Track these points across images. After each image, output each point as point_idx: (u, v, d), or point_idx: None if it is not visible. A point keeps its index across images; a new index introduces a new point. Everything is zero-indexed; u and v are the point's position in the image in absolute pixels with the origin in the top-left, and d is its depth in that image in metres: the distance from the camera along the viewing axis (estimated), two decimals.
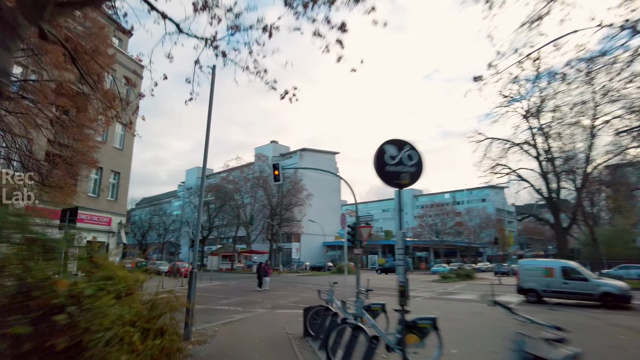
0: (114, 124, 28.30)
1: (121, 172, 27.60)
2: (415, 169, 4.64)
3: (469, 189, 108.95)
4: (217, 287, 23.28)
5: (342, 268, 42.17)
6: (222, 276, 37.01)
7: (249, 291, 20.58)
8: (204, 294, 18.32)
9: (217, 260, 51.54)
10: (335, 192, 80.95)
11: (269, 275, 22.32)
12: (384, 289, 21.00)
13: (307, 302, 14.82)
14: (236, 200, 52.79)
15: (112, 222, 26.40)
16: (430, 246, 65.58)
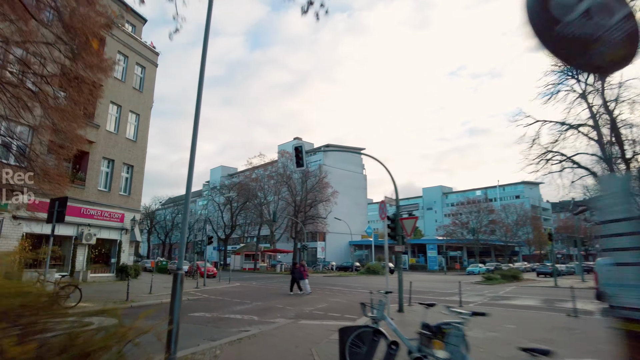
0: (126, 117, 26.67)
1: (135, 166, 25.81)
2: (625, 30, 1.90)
3: (502, 185, 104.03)
4: (235, 289, 20.99)
5: (373, 268, 39.36)
6: (243, 276, 34.93)
7: (270, 294, 18.16)
8: (218, 298, 16.02)
9: (240, 260, 49.73)
10: (361, 189, 78.14)
11: (307, 277, 18.76)
12: (426, 292, 18.19)
13: (339, 310, 12.28)
14: (259, 197, 50.74)
15: (125, 219, 24.62)
16: (464, 245, 61.79)
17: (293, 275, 18.86)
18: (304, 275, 18.46)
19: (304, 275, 18.44)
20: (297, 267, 19.35)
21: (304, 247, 41.27)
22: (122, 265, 23.96)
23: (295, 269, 19.04)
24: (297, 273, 18.60)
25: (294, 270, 19.19)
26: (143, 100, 27.05)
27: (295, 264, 20.11)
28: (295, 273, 18.78)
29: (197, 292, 18.19)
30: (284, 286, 22.91)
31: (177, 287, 5.48)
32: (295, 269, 19.11)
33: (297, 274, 18.52)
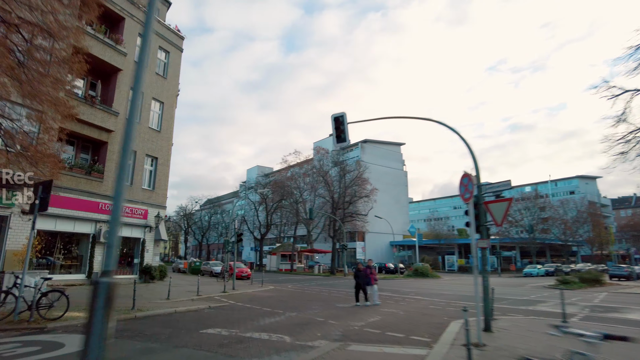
0: (148, 104, 24.65)
1: (159, 158, 23.73)
2: None
3: (554, 180, 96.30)
4: (267, 293, 18.21)
5: (421, 271, 35.61)
6: (279, 278, 32.27)
7: (308, 301, 15.19)
8: (245, 306, 13.22)
9: (276, 260, 47.33)
10: (401, 186, 73.99)
11: (375, 283, 14.59)
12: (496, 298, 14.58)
13: (399, 328, 8.96)
14: (295, 195, 48.12)
15: (148, 215, 22.52)
16: (517, 244, 56.42)
17: (357, 279, 14.37)
18: (372, 280, 14.33)
19: (371, 279, 14.31)
20: (362, 269, 14.70)
21: (343, 247, 38.12)
22: (146, 266, 21.85)
23: (360, 272, 14.46)
24: (362, 277, 14.28)
25: (358, 274, 14.51)
26: (167, 87, 24.98)
27: (359, 264, 15.33)
28: (360, 277, 14.33)
29: (222, 298, 15.52)
30: (323, 291, 19.87)
31: (97, 309, 2.51)
32: (360, 271, 14.52)
33: (363, 278, 14.24)
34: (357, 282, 14.28)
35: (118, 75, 21.39)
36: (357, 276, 14.42)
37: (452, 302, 14.73)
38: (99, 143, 20.71)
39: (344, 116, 11.33)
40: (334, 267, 40.71)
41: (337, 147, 10.72)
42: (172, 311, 11.49)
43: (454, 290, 21.51)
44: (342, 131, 11.22)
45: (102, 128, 20.09)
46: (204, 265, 36.99)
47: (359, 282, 14.23)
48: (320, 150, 50.49)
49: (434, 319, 10.56)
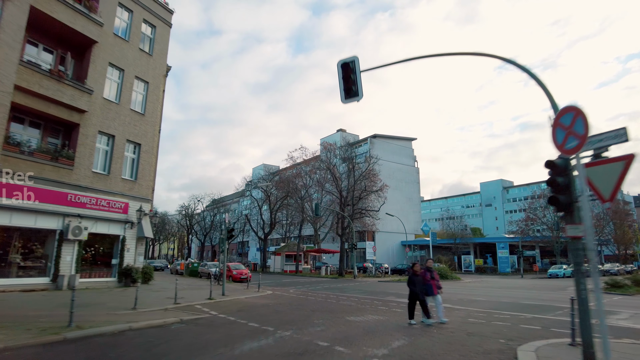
0: (130, 83, 21.75)
1: (142, 144, 20.87)
2: None
3: None
4: (262, 300, 15.18)
5: (440, 272, 32.23)
6: (282, 280, 29.25)
7: (310, 312, 12.13)
8: (228, 319, 10.21)
9: (281, 261, 44.35)
10: (413, 183, 70.66)
11: (438, 292, 10.17)
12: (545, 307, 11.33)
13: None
14: (300, 191, 45.11)
15: (129, 209, 19.62)
16: (536, 244, 52.72)
17: (413, 287, 9.95)
18: (434, 288, 10.04)
19: (433, 287, 10.04)
20: (419, 272, 10.20)
21: (352, 246, 34.96)
22: (126, 268, 18.98)
23: (417, 277, 10.01)
24: (419, 284, 9.90)
25: (413, 279, 9.99)
26: (153, 65, 22.12)
27: (415, 265, 10.45)
28: (416, 284, 9.91)
29: (204, 307, 12.53)
30: (330, 297, 16.76)
31: None
32: (417, 275, 10.04)
33: (421, 285, 9.91)
34: (413, 290, 9.93)
35: (93, 48, 18.54)
36: (412, 282, 9.97)
37: (494, 313, 11.56)
38: (70, 125, 17.87)
39: (355, 61, 8.27)
40: (342, 269, 37.55)
41: (347, 103, 7.53)
42: (125, 328, 8.51)
43: (486, 295, 18.29)
44: (353, 82, 8.17)
45: (73, 107, 17.22)
46: (201, 266, 34.16)
47: (414, 290, 9.88)
48: (327, 146, 47.37)
49: (488, 342, 7.43)
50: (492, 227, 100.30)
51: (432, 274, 10.28)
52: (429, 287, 10.00)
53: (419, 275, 10.09)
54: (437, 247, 55.62)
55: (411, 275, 10.14)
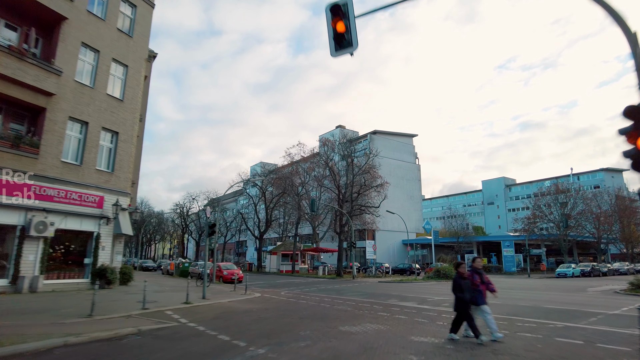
0: (106, 66, 19.94)
1: (121, 133, 19.10)
2: None
3: (576, 174, 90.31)
4: (247, 305, 13.39)
5: (444, 272, 30.42)
6: (276, 281, 27.45)
7: (298, 320, 10.36)
8: (198, 329, 8.46)
9: (277, 260, 42.55)
10: (414, 181, 68.82)
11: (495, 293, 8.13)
12: (565, 311, 9.46)
13: None
14: (296, 187, 43.32)
15: (104, 203, 17.84)
16: (542, 241, 50.89)
17: (459, 294, 7.53)
18: (484, 296, 7.73)
19: (483, 294, 7.71)
20: (466, 274, 7.78)
21: (351, 244, 33.14)
22: (100, 268, 17.18)
23: (464, 280, 7.62)
24: (468, 289, 7.51)
25: (460, 283, 7.60)
26: (134, 48, 20.34)
27: (461, 265, 8.06)
28: (463, 289, 7.49)
29: (175, 314, 10.75)
30: (325, 299, 14.96)
31: None
32: (464, 279, 7.65)
33: (470, 290, 7.51)
34: (462, 299, 7.42)
35: (62, 25, 16.77)
36: (459, 288, 7.50)
37: (517, 321, 9.76)
38: (37, 110, 16.08)
39: (347, 4, 6.47)
40: (340, 269, 35.72)
41: (338, 55, 5.60)
42: (58, 344, 6.76)
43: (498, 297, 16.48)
44: (345, 29, 6.37)
45: (38, 90, 15.46)
46: (192, 266, 32.34)
47: (464, 299, 7.38)
48: (326, 142, 45.48)
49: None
50: (494, 225, 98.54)
51: (482, 276, 7.77)
52: (479, 295, 7.54)
53: (467, 278, 7.61)
54: (439, 246, 53.84)
55: (457, 279, 7.64)
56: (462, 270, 7.76)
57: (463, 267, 7.89)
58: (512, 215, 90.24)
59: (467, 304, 7.40)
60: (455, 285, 7.62)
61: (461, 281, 7.58)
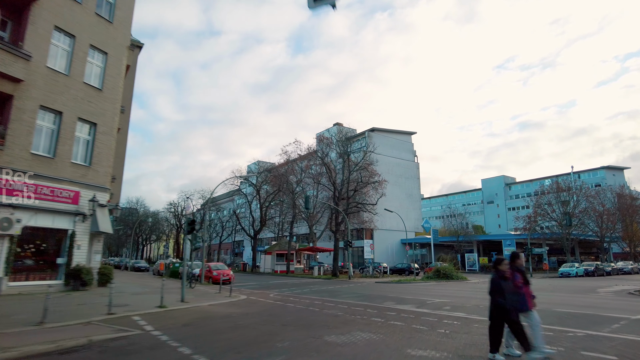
0: (83, 53, 18.71)
1: (99, 124, 17.86)
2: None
3: (577, 172, 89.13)
4: (229, 309, 12.19)
5: (445, 272, 29.17)
6: (269, 282, 26.25)
7: (279, 331, 9.17)
8: (160, 339, 7.27)
9: (271, 260, 41.34)
10: (413, 179, 67.59)
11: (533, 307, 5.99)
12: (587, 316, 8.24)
13: None
14: (291, 184, 42.09)
15: (80, 199, 16.61)
16: (544, 241, 49.72)
17: (501, 300, 5.70)
18: (529, 300, 5.99)
19: (527, 299, 5.97)
20: (507, 274, 5.97)
21: (347, 243, 31.94)
22: (75, 268, 15.94)
23: (506, 281, 5.87)
24: (510, 292, 5.76)
25: (499, 284, 5.82)
26: (114, 34, 19.12)
27: (502, 262, 6.08)
28: (504, 292, 5.72)
29: (143, 319, 9.54)
30: (315, 302, 13.73)
31: None
32: (505, 279, 5.88)
33: (512, 294, 5.77)
34: (501, 304, 5.72)
35: (32, 7, 15.55)
36: (499, 290, 5.80)
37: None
38: (2, 98, 14.82)
39: None
40: (336, 268, 34.49)
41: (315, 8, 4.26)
42: None
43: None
44: None
45: (4, 75, 14.22)
46: (182, 266, 31.05)
47: (504, 304, 5.68)
48: (323, 139, 44.18)
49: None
50: (494, 224, 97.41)
51: (525, 276, 6.15)
52: (522, 299, 5.88)
53: (507, 279, 5.89)
54: (438, 246, 52.67)
55: (497, 279, 5.86)
56: (503, 269, 5.98)
57: (505, 264, 6.04)
58: (512, 214, 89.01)
59: (507, 312, 5.65)
60: (495, 287, 5.83)
61: (503, 283, 5.81)
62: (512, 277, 5.99)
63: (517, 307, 5.78)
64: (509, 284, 5.85)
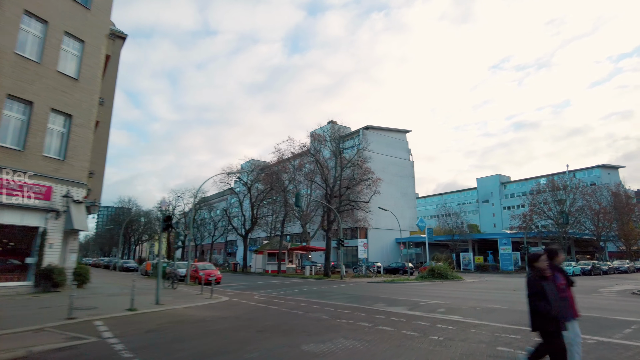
0: (57, 40, 17.67)
1: (75, 116, 16.84)
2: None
3: (572, 171, 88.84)
4: (207, 312, 11.29)
5: (439, 271, 28.33)
6: (258, 282, 25.29)
7: (258, 332, 8.35)
8: (114, 349, 6.31)
9: (263, 260, 40.40)
10: (407, 178, 66.86)
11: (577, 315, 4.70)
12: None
13: None
14: (284, 183, 41.15)
15: (52, 194, 15.59)
16: (539, 239, 49.14)
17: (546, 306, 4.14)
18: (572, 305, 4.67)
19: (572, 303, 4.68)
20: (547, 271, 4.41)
21: (339, 242, 31.06)
22: (47, 269, 14.93)
23: (548, 282, 4.33)
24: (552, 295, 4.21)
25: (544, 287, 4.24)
26: (92, 22, 18.10)
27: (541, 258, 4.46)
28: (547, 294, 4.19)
29: (106, 324, 8.62)
30: (300, 304, 12.81)
31: None
32: (547, 280, 4.35)
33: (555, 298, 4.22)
34: (543, 311, 4.17)
35: None
36: (541, 294, 4.23)
37: (533, 334, 7.71)
38: None
39: None
40: (328, 268, 33.58)
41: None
42: None
43: (502, 300, 14.45)
44: None
45: None
46: (170, 267, 30.04)
47: (547, 311, 4.14)
48: (317, 137, 43.22)
49: None
50: (489, 223, 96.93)
51: (567, 277, 4.83)
52: (566, 305, 4.56)
53: (549, 279, 4.43)
54: (433, 245, 52.02)
55: (536, 279, 4.37)
56: (542, 266, 4.41)
57: (543, 260, 4.46)
58: (508, 213, 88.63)
59: (557, 324, 4.19)
60: (535, 289, 4.29)
61: (545, 285, 4.27)
62: (557, 276, 4.66)
63: (565, 315, 4.41)
64: (551, 286, 4.34)
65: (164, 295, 15.17)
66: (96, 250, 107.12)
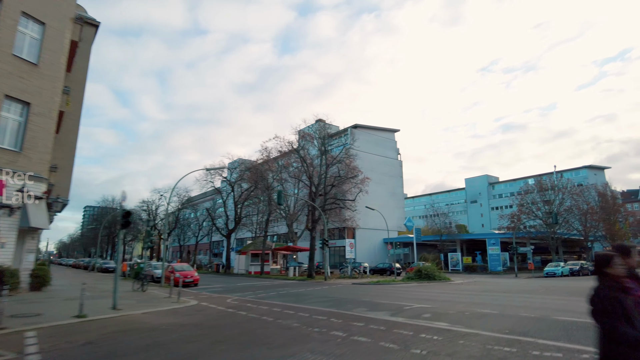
0: (13, 21, 16.30)
1: (33, 104, 15.51)
2: None
3: (560, 171, 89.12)
4: (162, 320, 10.15)
5: (427, 272, 27.39)
6: (237, 283, 24.04)
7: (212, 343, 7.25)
8: None
9: (246, 261, 39.13)
10: (396, 177, 66.05)
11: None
12: None
13: None
14: (266, 180, 39.95)
15: (4, 189, 14.21)
16: (528, 240, 48.71)
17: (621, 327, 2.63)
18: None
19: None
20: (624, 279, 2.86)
21: (323, 242, 29.96)
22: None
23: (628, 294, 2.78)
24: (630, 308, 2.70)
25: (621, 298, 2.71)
26: (54, 3, 16.78)
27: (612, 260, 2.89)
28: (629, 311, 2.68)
29: (38, 335, 7.41)
30: (274, 310, 11.67)
31: None
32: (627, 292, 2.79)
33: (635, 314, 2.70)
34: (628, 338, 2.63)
35: None
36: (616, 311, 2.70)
37: (530, 344, 6.71)
38: None
39: None
40: (312, 269, 32.50)
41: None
42: None
43: (492, 303, 13.53)
44: None
45: None
46: (147, 267, 28.67)
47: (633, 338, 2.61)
48: (305, 136, 42.02)
49: None
50: (477, 224, 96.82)
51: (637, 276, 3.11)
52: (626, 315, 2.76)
53: (630, 290, 2.83)
54: (421, 245, 51.19)
55: (609, 291, 2.80)
56: (618, 273, 2.89)
57: (619, 264, 2.92)
58: (496, 213, 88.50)
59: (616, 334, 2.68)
60: (609, 305, 2.77)
61: (623, 299, 2.76)
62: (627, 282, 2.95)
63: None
64: (632, 302, 2.79)
65: (128, 299, 13.97)
66: (80, 251, 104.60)
